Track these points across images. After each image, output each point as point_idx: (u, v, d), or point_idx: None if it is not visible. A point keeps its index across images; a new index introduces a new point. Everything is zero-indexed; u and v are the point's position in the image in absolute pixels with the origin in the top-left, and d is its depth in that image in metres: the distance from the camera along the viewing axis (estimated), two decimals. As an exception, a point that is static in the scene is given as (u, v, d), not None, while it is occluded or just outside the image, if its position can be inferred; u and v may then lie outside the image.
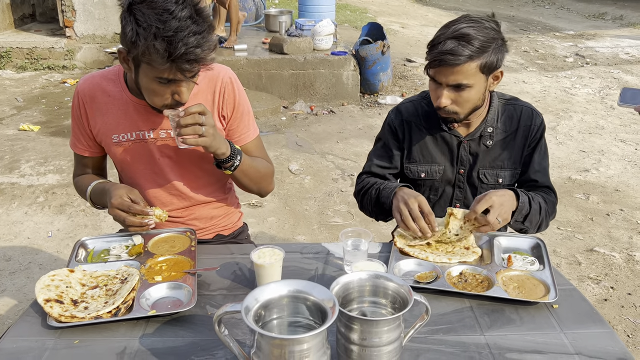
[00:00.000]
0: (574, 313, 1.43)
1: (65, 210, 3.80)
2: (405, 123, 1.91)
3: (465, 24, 1.64)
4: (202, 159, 1.79)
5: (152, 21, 1.41)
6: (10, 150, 4.70)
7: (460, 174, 1.89)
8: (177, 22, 1.41)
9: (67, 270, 1.51)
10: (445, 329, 1.37)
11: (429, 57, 1.68)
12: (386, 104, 6.03)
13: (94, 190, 1.76)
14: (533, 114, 1.87)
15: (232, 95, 1.77)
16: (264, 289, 1.16)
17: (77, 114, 1.77)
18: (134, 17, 1.44)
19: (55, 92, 6.27)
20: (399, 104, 1.97)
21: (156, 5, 1.42)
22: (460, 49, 1.61)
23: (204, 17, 1.48)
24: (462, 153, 1.87)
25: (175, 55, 1.42)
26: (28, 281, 3.04)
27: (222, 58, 5.94)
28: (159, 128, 1.72)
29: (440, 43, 1.63)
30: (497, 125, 1.85)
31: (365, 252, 1.56)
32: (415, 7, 12.04)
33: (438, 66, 1.66)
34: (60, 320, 1.34)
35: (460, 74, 1.65)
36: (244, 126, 1.82)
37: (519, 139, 1.86)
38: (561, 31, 10.06)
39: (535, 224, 1.78)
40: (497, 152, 1.87)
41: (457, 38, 1.62)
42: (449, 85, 1.68)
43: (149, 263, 1.57)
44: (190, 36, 1.42)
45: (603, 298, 3.00)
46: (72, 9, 7.04)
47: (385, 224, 3.68)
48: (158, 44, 1.41)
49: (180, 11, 1.42)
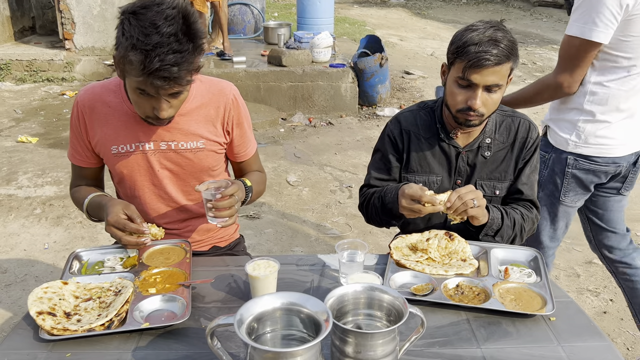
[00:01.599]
0: (571, 325, 1.42)
1: (62, 222, 3.78)
2: (404, 132, 1.91)
3: (491, 28, 1.66)
4: (201, 172, 1.80)
5: (135, 33, 1.42)
6: (8, 161, 4.69)
7: (458, 184, 1.89)
8: (158, 37, 1.41)
9: (61, 282, 1.50)
10: (441, 341, 1.36)
11: (463, 58, 1.66)
12: (384, 116, 6.04)
13: (91, 204, 1.75)
14: (530, 127, 1.87)
15: (237, 112, 1.79)
16: (257, 301, 1.15)
17: (75, 125, 1.76)
18: (122, 26, 1.46)
19: (54, 104, 6.28)
20: (397, 114, 1.97)
21: (144, 18, 1.42)
22: (500, 49, 1.63)
23: (192, 36, 1.46)
24: (460, 164, 1.87)
25: (149, 69, 1.42)
26: (24, 293, 3.02)
27: (221, 70, 5.96)
28: (159, 140, 1.72)
29: (476, 44, 1.63)
30: (495, 136, 1.85)
31: (361, 264, 1.55)
32: (414, 20, 12.11)
33: (479, 67, 1.64)
34: (53, 333, 1.33)
35: (498, 74, 1.66)
36: (246, 141, 1.86)
37: (515, 151, 1.86)
38: (559, 44, 10.10)
39: (507, 238, 1.82)
40: (495, 164, 1.87)
41: (493, 39, 1.64)
42: (484, 86, 1.68)
43: (143, 275, 1.56)
44: (169, 53, 1.41)
45: (602, 310, 2.99)
46: (71, 21, 7.08)
47: (382, 236, 3.67)
48: (134, 56, 1.42)
49: (166, 27, 1.41)
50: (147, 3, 1.45)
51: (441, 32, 10.88)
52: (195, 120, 1.73)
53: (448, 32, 10.86)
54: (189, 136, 1.73)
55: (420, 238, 1.75)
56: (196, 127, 1.73)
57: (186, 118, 1.72)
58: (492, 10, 13.71)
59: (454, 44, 1.71)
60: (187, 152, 1.74)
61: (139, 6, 1.45)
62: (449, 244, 1.71)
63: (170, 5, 1.45)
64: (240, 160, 1.91)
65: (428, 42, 9.92)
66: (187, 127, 1.72)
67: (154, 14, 1.42)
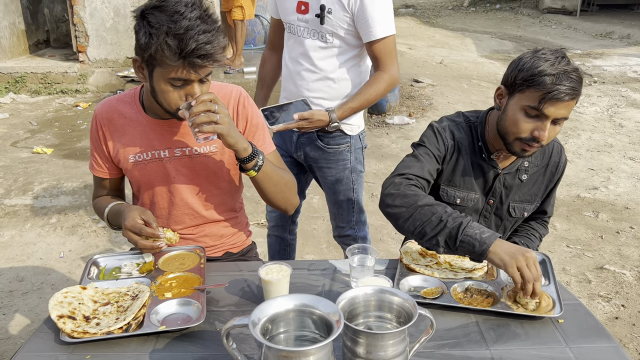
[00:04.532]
0: (579, 328, 1.44)
1: (77, 231, 3.85)
2: (457, 144, 1.83)
3: (562, 57, 1.62)
4: (217, 176, 1.83)
5: (164, 22, 1.49)
6: (24, 172, 4.78)
7: (490, 204, 1.88)
8: (187, 21, 1.49)
9: (80, 288, 1.55)
10: (451, 343, 1.38)
11: (542, 89, 1.59)
12: (394, 124, 6.07)
13: (111, 212, 1.81)
14: (561, 150, 1.89)
15: (244, 111, 1.82)
16: (270, 303, 1.18)
17: (95, 137, 1.82)
18: (147, 21, 1.52)
19: (68, 116, 6.39)
20: (446, 122, 1.86)
21: (167, 9, 1.50)
22: (578, 84, 1.60)
23: (213, 18, 1.56)
24: (496, 185, 1.85)
25: (187, 51, 1.48)
26: (40, 301, 3.08)
27: (231, 80, 6.03)
28: (174, 147, 1.77)
29: (553, 76, 1.58)
30: (531, 159, 1.84)
31: (372, 268, 1.58)
32: (423, 29, 12.16)
33: (557, 99, 1.58)
34: (73, 335, 1.37)
35: (569, 108, 1.63)
36: (259, 139, 1.84)
37: (548, 175, 1.88)
38: (568, 50, 10.11)
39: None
40: (528, 187, 1.87)
41: (568, 72, 1.59)
42: (555, 119, 1.64)
43: (159, 280, 1.60)
44: (200, 34, 1.49)
45: (614, 316, 2.98)
46: (85, 34, 7.20)
47: (393, 243, 3.69)
48: (170, 40, 1.48)
49: (190, 12, 1.50)
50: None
51: (450, 40, 10.92)
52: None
53: (457, 40, 10.91)
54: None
55: (430, 243, 1.77)
56: None
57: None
58: (501, 18, 13.73)
59: (525, 71, 1.63)
60: (201, 157, 1.79)
61: (156, 2, 1.53)
62: None
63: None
64: None
65: (437, 50, 9.96)
66: None
67: (174, 4, 1.51)
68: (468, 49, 10.27)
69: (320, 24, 2.15)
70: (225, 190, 1.88)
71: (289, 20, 2.27)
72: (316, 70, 2.24)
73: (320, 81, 2.26)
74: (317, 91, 2.27)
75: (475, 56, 9.69)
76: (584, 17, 13.13)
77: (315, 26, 2.17)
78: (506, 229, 1.95)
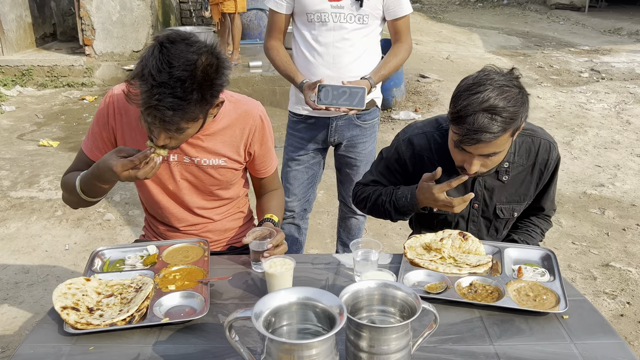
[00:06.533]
0: (584, 324, 1.43)
1: (83, 224, 3.86)
2: (417, 156, 1.85)
3: (493, 93, 1.54)
4: (222, 186, 1.84)
5: (151, 64, 1.42)
6: (30, 165, 4.79)
7: (475, 208, 1.87)
8: (167, 77, 1.41)
9: (84, 279, 1.55)
10: (454, 338, 1.38)
11: (458, 132, 1.59)
12: (399, 119, 6.05)
13: (83, 179, 1.68)
14: (550, 147, 1.82)
15: (261, 134, 1.82)
16: (273, 295, 1.18)
17: (103, 122, 1.73)
18: (149, 51, 1.45)
19: (74, 109, 6.40)
20: (410, 135, 1.88)
21: (167, 53, 1.42)
22: (495, 125, 1.54)
23: (204, 87, 1.46)
24: (477, 188, 1.83)
25: (147, 103, 1.43)
26: (45, 293, 3.09)
27: (237, 75, 6.03)
28: (183, 154, 1.75)
29: (470, 116, 1.55)
30: (513, 159, 1.81)
31: (375, 262, 1.58)
32: (429, 24, 12.11)
33: (471, 144, 1.58)
34: (77, 327, 1.37)
35: (494, 146, 1.59)
36: (268, 160, 1.90)
37: (536, 173, 1.84)
38: (576, 46, 10.04)
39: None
40: (514, 187, 1.84)
41: (487, 111, 1.54)
42: (480, 155, 1.62)
43: (163, 272, 1.60)
44: (169, 96, 1.41)
45: (619, 313, 2.97)
46: (91, 27, 7.21)
47: (397, 238, 3.68)
48: (140, 85, 1.44)
49: (179, 70, 1.41)
50: (179, 37, 1.46)
51: (457, 35, 10.87)
52: (221, 140, 1.76)
53: (464, 36, 10.85)
54: (212, 154, 1.76)
55: (434, 238, 1.77)
56: (220, 147, 1.76)
57: (211, 138, 1.74)
58: (509, 14, 13.66)
59: (453, 103, 1.62)
60: (208, 167, 1.78)
61: (171, 39, 1.45)
62: (463, 244, 1.73)
63: (198, 50, 1.44)
64: (261, 177, 1.95)
65: (443, 45, 9.92)
66: (212, 146, 1.75)
67: (178, 52, 1.42)
68: (475, 45, 10.22)
69: (360, 6, 2.35)
70: (229, 197, 1.90)
71: (317, 10, 2.37)
72: (355, 51, 2.43)
73: (357, 60, 2.45)
74: (356, 70, 2.45)
75: (482, 52, 9.64)
76: (592, 13, 13.04)
77: (353, 10, 2.37)
78: (498, 230, 1.93)
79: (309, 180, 2.73)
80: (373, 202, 1.93)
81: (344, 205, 2.90)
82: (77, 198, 1.72)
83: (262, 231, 1.69)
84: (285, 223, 2.79)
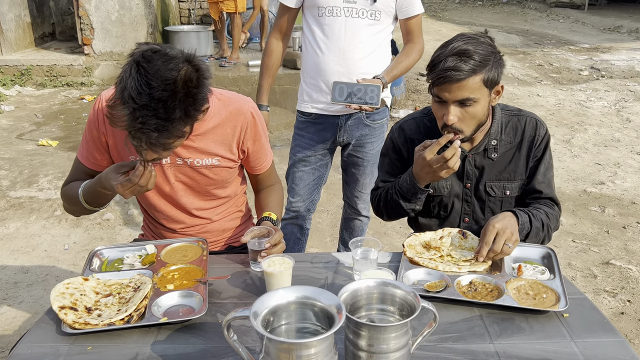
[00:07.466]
0: (584, 322, 1.42)
1: (82, 224, 3.85)
2: (409, 140, 1.91)
3: (462, 41, 1.66)
4: (218, 186, 1.84)
5: (129, 86, 1.39)
6: (29, 164, 4.79)
7: (467, 187, 1.89)
8: (147, 99, 1.38)
9: (82, 279, 1.54)
10: (454, 337, 1.37)
11: (431, 77, 1.68)
12: (399, 118, 6.04)
13: (85, 190, 1.70)
14: (537, 124, 1.87)
15: (254, 130, 1.80)
16: (272, 294, 1.17)
17: (94, 128, 1.72)
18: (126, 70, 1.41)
19: (73, 109, 6.39)
20: (401, 121, 1.97)
21: (145, 72, 1.39)
22: (462, 64, 1.62)
23: (187, 103, 1.43)
24: (467, 167, 1.86)
25: (131, 127, 1.42)
26: (45, 293, 3.09)
27: (236, 74, 6.02)
28: (175, 155, 1.74)
29: (441, 62, 1.64)
30: (501, 137, 1.85)
31: (375, 261, 1.57)
32: (429, 23, 12.09)
33: (443, 83, 1.65)
34: (74, 327, 1.37)
35: (466, 89, 1.65)
36: (262, 155, 1.88)
37: (524, 150, 1.86)
38: (576, 44, 10.04)
39: (538, 240, 1.80)
40: (503, 165, 1.87)
41: (457, 54, 1.63)
42: (455, 101, 1.67)
43: (161, 272, 1.60)
44: (153, 118, 1.39)
45: (619, 311, 2.96)
46: (90, 27, 7.20)
47: (397, 237, 3.68)
48: (121, 109, 1.41)
49: (159, 91, 1.38)
50: (155, 53, 1.42)
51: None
52: (212, 139, 1.75)
53: (463, 34, 10.83)
54: (205, 154, 1.75)
55: (434, 236, 1.76)
56: (212, 147, 1.75)
57: (203, 137, 1.73)
58: (508, 12, 13.65)
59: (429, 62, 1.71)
60: (202, 168, 1.77)
61: (147, 57, 1.41)
62: (462, 242, 1.73)
63: (176, 66, 1.41)
64: (257, 173, 1.94)
65: (443, 44, 9.90)
66: (204, 146, 1.74)
67: (155, 70, 1.39)
68: (474, 43, 10.19)
69: (374, 2, 2.34)
70: (226, 195, 1.89)
71: (329, 4, 2.36)
72: (366, 48, 2.42)
73: (368, 57, 2.44)
74: (365, 67, 2.43)
75: (481, 50, 9.62)
76: (592, 11, 13.03)
77: (366, 6, 2.36)
78: (493, 211, 1.91)
79: (315, 181, 2.71)
80: (384, 200, 1.93)
81: (348, 206, 2.87)
82: (80, 208, 1.75)
83: (260, 230, 1.69)
84: (289, 223, 2.77)
